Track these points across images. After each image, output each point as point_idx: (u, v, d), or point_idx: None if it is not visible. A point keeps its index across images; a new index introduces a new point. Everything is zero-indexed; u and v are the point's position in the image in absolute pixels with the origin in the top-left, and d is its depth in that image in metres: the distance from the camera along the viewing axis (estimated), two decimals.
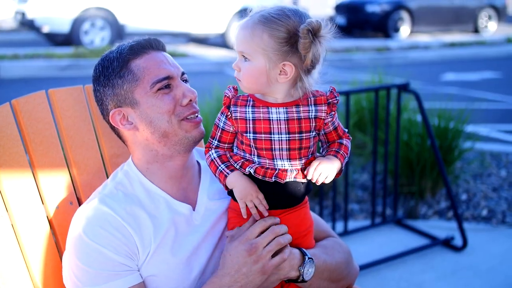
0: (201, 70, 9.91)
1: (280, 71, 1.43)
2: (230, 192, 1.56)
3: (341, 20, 15.91)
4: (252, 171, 1.48)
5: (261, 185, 1.51)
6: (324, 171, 1.48)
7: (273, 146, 1.47)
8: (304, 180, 1.52)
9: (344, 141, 1.56)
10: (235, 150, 1.55)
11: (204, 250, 1.60)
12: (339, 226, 3.93)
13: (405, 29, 15.37)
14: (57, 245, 1.70)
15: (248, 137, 1.48)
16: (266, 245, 1.52)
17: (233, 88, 1.53)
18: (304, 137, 1.48)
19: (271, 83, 1.45)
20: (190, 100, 1.58)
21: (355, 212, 4.35)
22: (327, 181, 1.50)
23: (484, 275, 3.39)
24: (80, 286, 1.49)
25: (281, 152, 1.47)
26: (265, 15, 1.42)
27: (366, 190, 4.68)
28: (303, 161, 1.50)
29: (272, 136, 1.46)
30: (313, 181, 1.50)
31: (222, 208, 1.66)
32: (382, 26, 15.26)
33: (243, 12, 12.76)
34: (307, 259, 1.57)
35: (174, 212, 1.59)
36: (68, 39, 11.90)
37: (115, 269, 1.49)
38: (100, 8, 11.94)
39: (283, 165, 1.48)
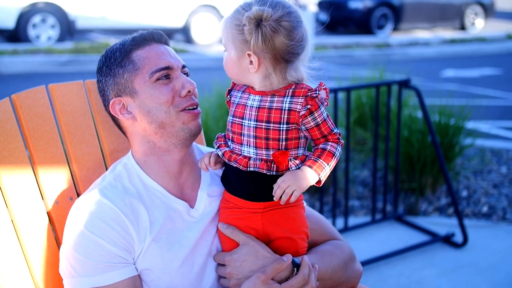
0: (200, 66, 9.89)
1: (250, 61, 1.46)
2: (223, 179, 1.61)
3: (323, 17, 15.62)
4: (220, 153, 1.54)
5: (233, 170, 1.54)
6: (289, 188, 1.45)
7: (243, 131, 1.50)
8: (268, 173, 1.49)
9: (328, 146, 1.48)
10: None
11: (202, 247, 1.60)
12: (340, 222, 3.93)
13: (388, 26, 15.07)
14: (56, 241, 1.69)
15: (229, 119, 1.54)
16: None
17: None
18: (271, 128, 1.46)
19: (245, 73, 1.49)
20: (189, 92, 1.59)
21: (355, 209, 4.35)
22: (292, 199, 1.46)
23: (485, 272, 3.39)
24: (76, 277, 1.49)
25: (248, 139, 1.49)
26: (237, 7, 1.48)
27: (366, 187, 4.67)
28: (270, 153, 1.48)
29: (243, 121, 1.50)
30: (275, 199, 1.47)
31: (218, 205, 1.66)
32: (365, 23, 14.96)
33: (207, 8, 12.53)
34: (295, 271, 1.54)
35: (169, 207, 1.59)
36: (14, 35, 11.40)
37: (112, 261, 1.49)
38: (48, 3, 11.36)
39: (248, 152, 1.50)
